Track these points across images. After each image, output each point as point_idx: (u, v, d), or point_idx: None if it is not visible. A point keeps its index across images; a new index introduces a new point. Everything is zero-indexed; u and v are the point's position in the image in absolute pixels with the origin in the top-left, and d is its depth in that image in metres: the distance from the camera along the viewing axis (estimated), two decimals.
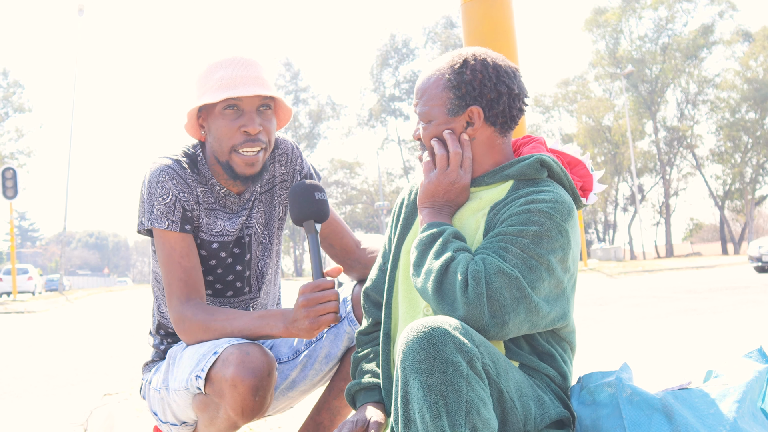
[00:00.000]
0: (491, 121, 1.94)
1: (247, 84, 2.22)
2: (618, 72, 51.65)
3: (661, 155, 53.79)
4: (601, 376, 1.92)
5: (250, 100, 2.23)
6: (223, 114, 2.24)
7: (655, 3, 52.45)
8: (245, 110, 2.24)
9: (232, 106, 2.23)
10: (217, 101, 2.21)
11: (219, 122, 2.24)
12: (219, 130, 2.24)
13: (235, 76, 2.22)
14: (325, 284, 2.07)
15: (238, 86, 2.21)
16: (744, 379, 1.85)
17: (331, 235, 2.55)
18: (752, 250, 19.53)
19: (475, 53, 1.95)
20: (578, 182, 2.07)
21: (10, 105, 54.98)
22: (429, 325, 1.61)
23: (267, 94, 2.23)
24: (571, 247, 1.84)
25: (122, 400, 5.11)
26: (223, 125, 2.24)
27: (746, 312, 9.13)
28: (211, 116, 2.26)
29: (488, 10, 3.00)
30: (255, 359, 2.06)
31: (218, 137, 2.25)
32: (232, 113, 2.24)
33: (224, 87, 2.21)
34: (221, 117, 2.24)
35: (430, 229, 1.89)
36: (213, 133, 2.27)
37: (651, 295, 13.63)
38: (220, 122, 2.24)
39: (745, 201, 52.65)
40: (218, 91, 2.21)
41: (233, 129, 2.23)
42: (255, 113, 2.25)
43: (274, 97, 2.29)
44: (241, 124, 2.23)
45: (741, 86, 51.24)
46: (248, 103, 2.23)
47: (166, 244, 2.28)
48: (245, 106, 2.23)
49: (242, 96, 2.21)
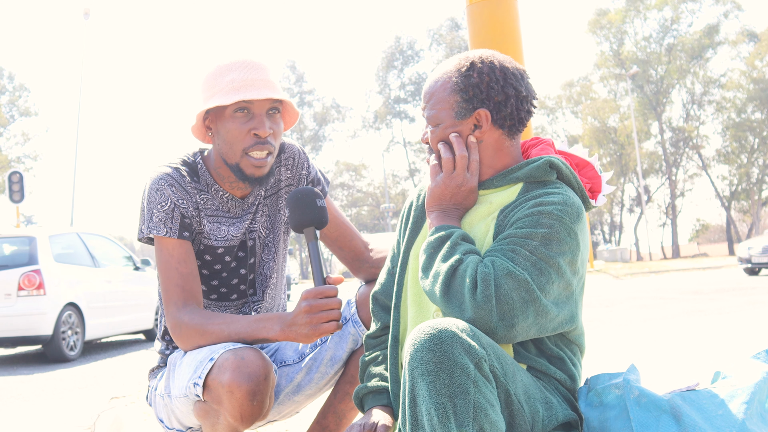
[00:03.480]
0: (499, 124, 1.94)
1: (258, 87, 2.23)
2: (623, 73, 51.57)
3: (667, 156, 53.64)
4: (608, 377, 1.92)
5: (260, 103, 2.24)
6: (234, 117, 2.25)
7: (659, 4, 52.32)
8: (255, 113, 2.25)
9: (243, 109, 2.24)
10: (229, 104, 2.22)
11: (229, 125, 2.25)
12: (229, 133, 2.25)
13: (246, 79, 2.23)
14: (329, 291, 2.06)
15: (249, 89, 2.22)
16: (752, 380, 1.85)
17: (340, 238, 2.56)
18: (741, 251, 19.03)
19: (483, 56, 1.95)
20: (587, 184, 2.07)
21: (17, 109, 55.09)
22: (436, 327, 1.62)
23: (278, 97, 2.25)
24: (580, 250, 1.84)
25: (129, 404, 5.12)
26: (233, 128, 2.24)
27: (753, 313, 9.10)
28: (221, 119, 2.27)
29: (494, 12, 3.00)
30: (251, 364, 2.05)
31: (228, 140, 2.26)
32: (243, 116, 2.24)
33: (235, 90, 2.22)
34: (231, 120, 2.25)
35: (438, 232, 1.90)
36: (222, 136, 2.27)
37: (657, 296, 13.61)
38: (230, 125, 2.25)
39: (752, 201, 52.47)
40: (229, 93, 2.22)
41: (243, 132, 2.24)
42: (265, 116, 2.26)
43: (283, 100, 2.30)
44: (251, 126, 2.24)
45: (747, 86, 51.06)
46: (259, 106, 2.24)
47: (164, 250, 2.29)
48: (256, 109, 2.24)
49: (253, 99, 2.22)
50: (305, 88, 65.75)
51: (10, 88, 55.18)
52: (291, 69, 65.61)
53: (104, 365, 7.91)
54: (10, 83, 55.34)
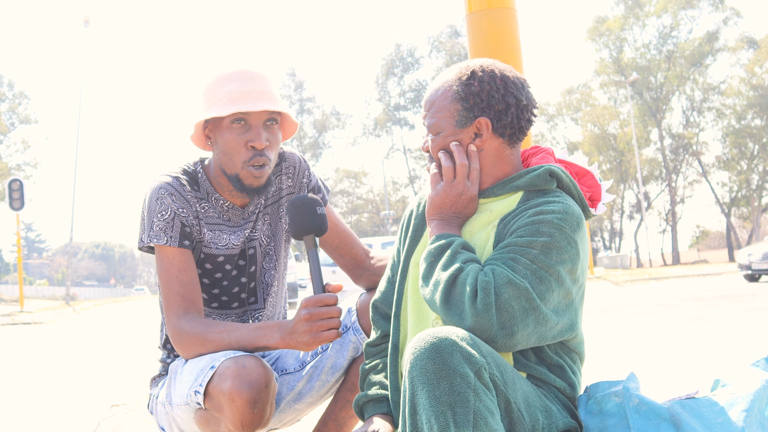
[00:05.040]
0: (499, 133, 1.95)
1: (255, 98, 2.24)
2: (622, 80, 51.60)
3: (667, 162, 53.65)
4: (608, 385, 1.92)
5: (257, 114, 2.25)
6: (231, 128, 2.26)
7: (658, 11, 52.41)
8: (252, 125, 2.26)
9: (240, 120, 2.25)
10: (225, 115, 2.23)
11: (226, 135, 2.26)
12: (226, 144, 2.26)
13: (244, 90, 2.24)
14: (329, 300, 2.07)
15: (246, 101, 2.23)
16: (752, 387, 1.85)
17: (341, 245, 2.57)
18: (741, 257, 18.95)
19: (483, 65, 1.96)
20: (587, 192, 2.08)
21: (16, 116, 55.06)
22: (436, 335, 1.62)
23: (275, 109, 2.26)
24: (580, 258, 1.84)
25: (130, 412, 5.12)
26: (230, 139, 2.25)
27: (753, 320, 9.10)
28: (219, 129, 2.28)
29: (493, 21, 3.00)
30: (251, 372, 2.05)
31: (225, 150, 2.27)
32: (240, 127, 2.25)
33: (233, 101, 2.23)
34: (228, 130, 2.26)
35: (438, 240, 1.90)
36: (220, 146, 2.29)
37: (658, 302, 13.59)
38: (227, 136, 2.26)
39: (752, 208, 52.46)
40: (227, 104, 2.23)
41: (240, 143, 2.25)
42: (262, 128, 2.27)
43: (281, 111, 2.31)
44: (248, 138, 2.25)
45: (746, 93, 51.07)
46: (256, 117, 2.25)
47: (165, 259, 2.29)
48: (253, 120, 2.25)
49: (250, 111, 2.23)
50: (305, 96, 65.79)
51: (10, 96, 55.18)
52: (291, 76, 65.66)
53: (104, 373, 7.90)
54: (10, 91, 55.35)
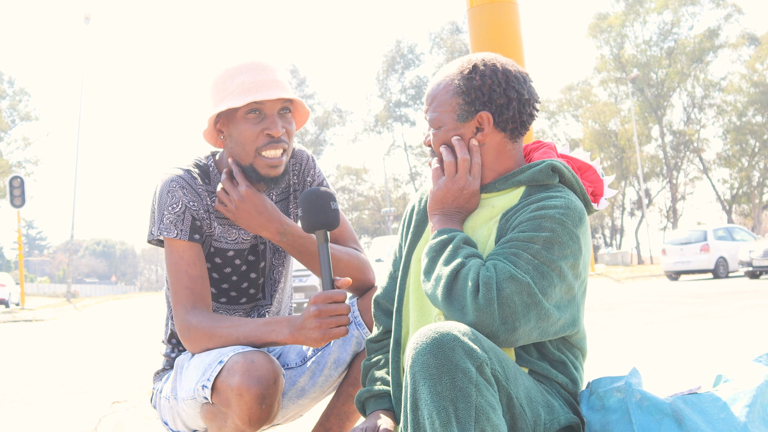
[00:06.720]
0: (501, 127, 1.94)
1: (268, 88, 2.24)
2: (623, 76, 51.56)
3: (668, 159, 53.63)
4: (610, 381, 1.92)
5: (271, 103, 2.25)
6: (246, 118, 2.25)
7: (659, 7, 52.34)
8: (267, 114, 2.26)
9: (255, 110, 2.25)
10: (240, 106, 2.23)
11: (242, 126, 2.26)
12: (242, 135, 2.26)
13: (256, 80, 2.24)
14: (339, 296, 2.07)
15: (260, 90, 2.23)
16: (754, 383, 1.85)
17: (339, 240, 2.56)
18: (742, 254, 18.99)
19: (485, 59, 1.96)
20: (589, 187, 2.07)
21: (17, 113, 55.09)
22: (438, 330, 1.61)
23: (288, 97, 2.26)
24: (582, 253, 1.84)
25: (131, 408, 5.12)
26: (246, 129, 2.25)
27: (755, 316, 9.10)
28: (233, 121, 2.28)
29: (495, 16, 3.00)
30: (260, 367, 2.05)
31: (241, 141, 2.27)
32: (255, 117, 2.25)
33: (246, 91, 2.23)
34: (244, 121, 2.25)
35: (440, 235, 1.90)
36: (235, 138, 2.28)
37: (659, 299, 13.60)
38: (242, 126, 2.26)
39: (753, 205, 52.41)
40: (240, 95, 2.23)
41: (256, 132, 2.25)
42: (277, 116, 2.27)
43: (293, 99, 2.31)
44: (264, 127, 2.25)
45: (747, 90, 51.03)
46: (270, 106, 2.25)
47: (174, 252, 2.29)
48: (267, 109, 2.25)
49: (265, 100, 2.23)
50: (306, 93, 65.77)
51: (11, 93, 55.21)
52: (292, 73, 65.63)
53: (105, 370, 7.91)
54: (11, 88, 55.39)
